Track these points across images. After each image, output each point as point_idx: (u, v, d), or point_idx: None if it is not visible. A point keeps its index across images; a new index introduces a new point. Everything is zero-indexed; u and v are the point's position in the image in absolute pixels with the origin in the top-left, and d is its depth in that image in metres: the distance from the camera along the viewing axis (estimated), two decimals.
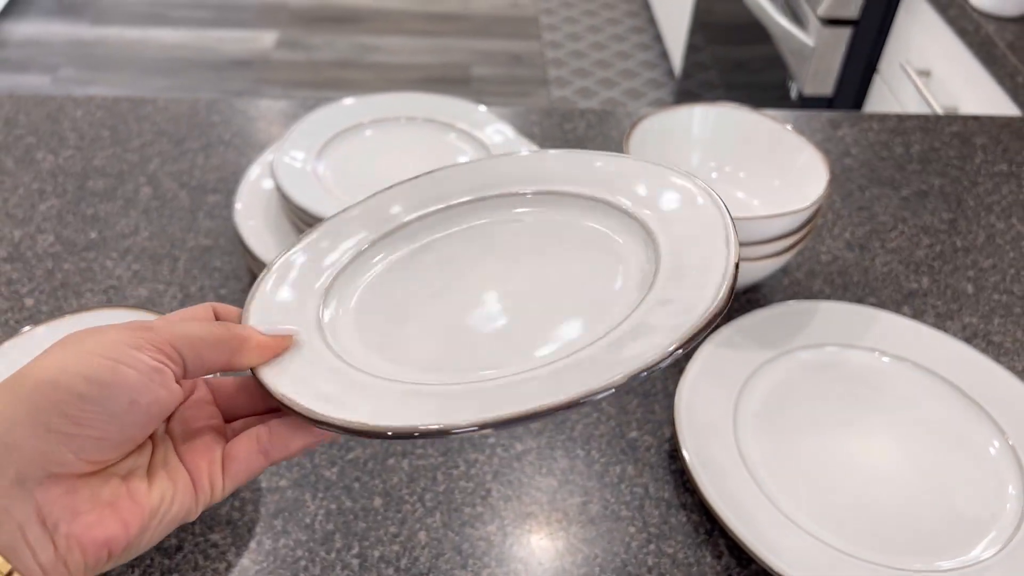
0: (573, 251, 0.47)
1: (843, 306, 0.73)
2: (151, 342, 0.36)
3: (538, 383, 0.38)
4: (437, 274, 0.48)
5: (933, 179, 0.94)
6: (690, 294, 0.40)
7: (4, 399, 0.33)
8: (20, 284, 0.75)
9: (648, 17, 3.16)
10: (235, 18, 3.04)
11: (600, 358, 0.38)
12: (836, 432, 0.65)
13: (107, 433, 0.34)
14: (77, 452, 0.34)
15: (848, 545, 0.57)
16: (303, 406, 0.38)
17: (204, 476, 0.39)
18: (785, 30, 1.67)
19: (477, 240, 0.49)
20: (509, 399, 0.37)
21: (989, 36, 1.21)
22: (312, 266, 0.47)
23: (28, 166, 0.88)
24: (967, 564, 0.57)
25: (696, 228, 0.43)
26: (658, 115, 0.78)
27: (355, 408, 0.38)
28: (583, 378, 0.37)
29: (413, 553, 0.58)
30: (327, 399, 0.38)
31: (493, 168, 0.51)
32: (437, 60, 2.91)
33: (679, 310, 0.39)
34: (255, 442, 0.39)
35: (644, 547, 0.59)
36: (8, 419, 0.33)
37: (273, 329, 0.41)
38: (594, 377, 0.36)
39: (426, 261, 0.48)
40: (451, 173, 0.51)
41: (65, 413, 0.33)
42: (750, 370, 0.68)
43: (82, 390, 0.34)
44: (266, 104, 0.99)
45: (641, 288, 0.42)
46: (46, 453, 0.33)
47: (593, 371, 0.37)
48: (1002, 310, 0.78)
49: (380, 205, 0.50)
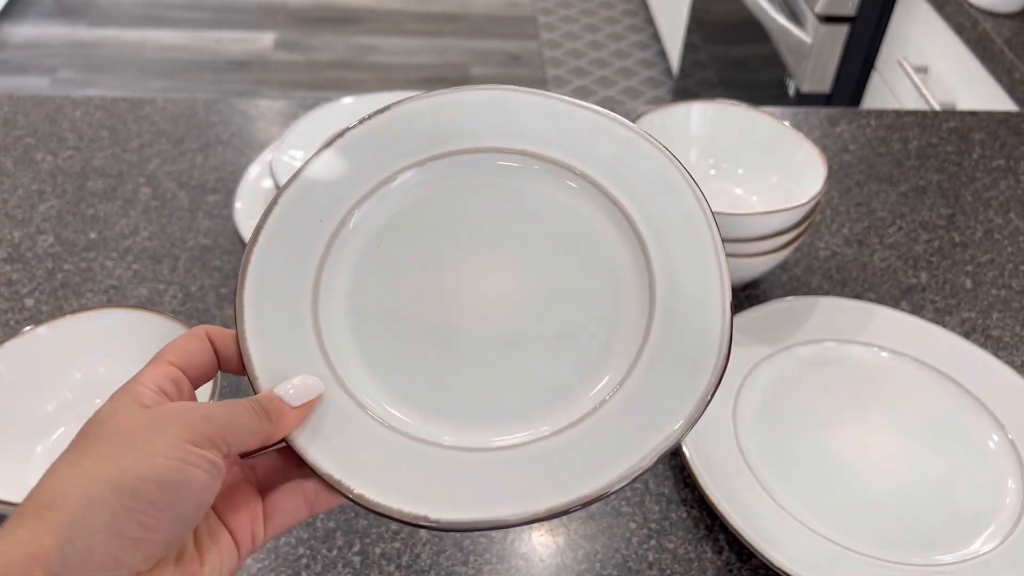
0: (566, 256, 0.45)
1: (842, 302, 0.73)
2: (208, 437, 0.36)
3: (576, 460, 0.40)
4: (422, 271, 0.44)
5: (931, 175, 0.94)
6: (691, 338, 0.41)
7: (82, 506, 0.33)
8: (20, 285, 0.75)
9: (646, 16, 3.16)
10: (233, 19, 3.04)
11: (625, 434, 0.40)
12: (835, 427, 0.65)
13: (175, 534, 0.35)
14: (146, 556, 0.34)
15: (848, 539, 0.57)
16: (356, 492, 0.39)
17: (246, 532, 0.39)
18: (783, 28, 1.67)
19: (455, 224, 0.45)
20: (550, 481, 0.39)
21: (986, 32, 1.21)
22: (285, 283, 0.43)
23: (27, 167, 0.88)
24: (966, 558, 0.57)
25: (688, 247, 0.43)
26: (657, 112, 0.78)
27: (403, 489, 0.39)
28: (616, 457, 0.39)
29: (414, 550, 0.58)
30: (372, 480, 0.39)
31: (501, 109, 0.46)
32: (435, 60, 2.91)
33: (684, 364, 0.41)
34: (301, 498, 0.40)
35: (645, 543, 0.59)
36: (87, 527, 0.32)
37: (303, 396, 0.40)
38: (625, 458, 0.39)
39: (409, 250, 0.45)
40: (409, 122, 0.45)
41: (140, 522, 0.33)
42: (749, 366, 0.68)
43: (155, 498, 0.33)
44: (265, 104, 0.99)
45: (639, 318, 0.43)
46: (119, 559, 0.33)
47: (623, 449, 0.39)
48: (1000, 305, 0.78)
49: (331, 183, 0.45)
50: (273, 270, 0.43)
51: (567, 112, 0.45)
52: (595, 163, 0.45)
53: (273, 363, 0.41)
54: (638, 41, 3.03)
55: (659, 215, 0.43)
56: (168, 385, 0.38)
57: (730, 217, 0.67)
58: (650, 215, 0.43)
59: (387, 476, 0.39)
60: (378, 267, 0.44)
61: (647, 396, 0.41)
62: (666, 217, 0.43)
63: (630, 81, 2.83)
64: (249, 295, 0.42)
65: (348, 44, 2.96)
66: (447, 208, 0.45)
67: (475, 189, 0.45)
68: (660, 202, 0.44)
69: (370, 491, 0.39)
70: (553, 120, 0.45)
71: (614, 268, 0.44)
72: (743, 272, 0.72)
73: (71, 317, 0.62)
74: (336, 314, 0.43)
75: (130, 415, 0.35)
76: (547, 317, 0.43)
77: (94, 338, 0.62)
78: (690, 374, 0.40)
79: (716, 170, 0.81)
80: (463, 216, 0.45)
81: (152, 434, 0.34)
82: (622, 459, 0.39)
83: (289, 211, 0.43)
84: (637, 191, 0.44)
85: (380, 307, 0.44)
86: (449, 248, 0.45)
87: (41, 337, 0.61)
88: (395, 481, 0.39)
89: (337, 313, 0.43)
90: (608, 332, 0.43)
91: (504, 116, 0.45)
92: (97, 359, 0.63)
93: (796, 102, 1.66)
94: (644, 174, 0.44)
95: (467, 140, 0.45)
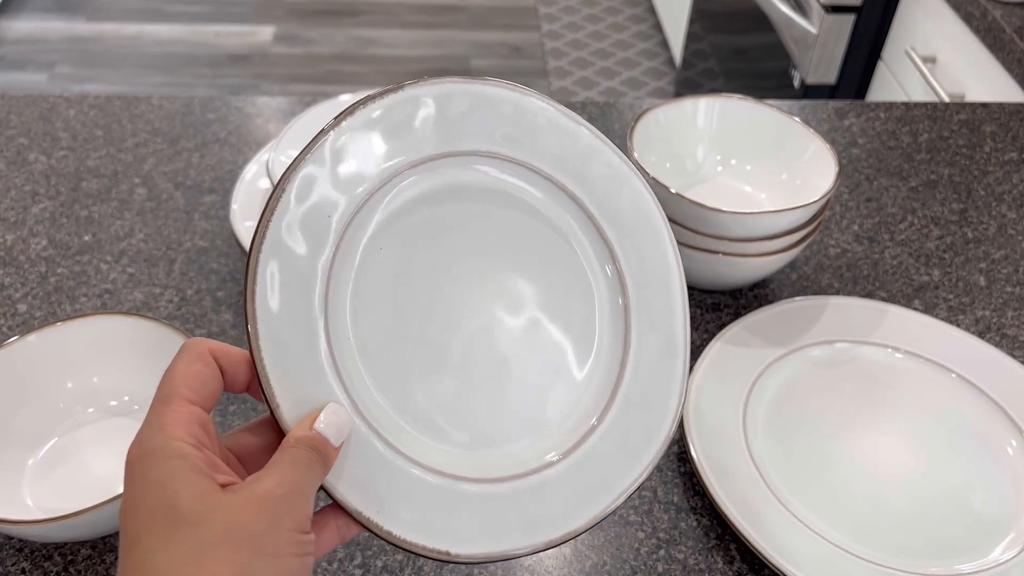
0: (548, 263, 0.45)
1: (853, 301, 0.71)
2: (310, 517, 0.36)
3: (571, 486, 0.42)
4: (420, 284, 0.44)
5: (942, 168, 0.92)
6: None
7: None
8: (13, 289, 0.74)
9: (647, 6, 3.13)
10: (232, 12, 3.02)
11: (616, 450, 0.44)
12: (849, 431, 0.63)
13: None
14: None
15: (863, 548, 0.56)
16: (385, 530, 0.39)
17: None
18: (787, 17, 1.65)
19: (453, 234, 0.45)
20: (554, 510, 0.42)
21: (996, 21, 1.19)
22: (295, 308, 0.41)
23: (20, 168, 0.87)
24: (986, 567, 0.55)
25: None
26: (662, 107, 0.76)
27: (424, 524, 0.40)
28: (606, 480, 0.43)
29: (417, 563, 0.56)
30: (397, 515, 0.40)
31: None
32: (436, 52, 2.89)
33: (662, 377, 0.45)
34: (335, 529, 0.40)
35: (654, 552, 0.57)
36: None
37: (342, 433, 0.39)
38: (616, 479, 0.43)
39: (408, 260, 0.44)
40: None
41: None
42: (759, 369, 0.66)
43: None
44: (262, 101, 0.98)
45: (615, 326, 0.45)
46: None
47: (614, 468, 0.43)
48: (1016, 302, 0.76)
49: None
50: (280, 285, 0.40)
51: (574, 132, 0.45)
52: (592, 194, 0.45)
53: (294, 392, 0.40)
54: (640, 31, 3.01)
55: (641, 262, 0.45)
56: (200, 433, 0.37)
57: (738, 216, 0.66)
58: (633, 259, 0.45)
59: (409, 510, 0.40)
60: (379, 274, 0.43)
61: (626, 436, 0.44)
62: (647, 265, 0.45)
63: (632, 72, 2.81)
64: (263, 328, 0.39)
65: (348, 37, 2.94)
66: (449, 210, 0.44)
67: (478, 193, 0.45)
68: (645, 246, 0.45)
69: (397, 528, 0.39)
70: (560, 137, 0.45)
71: (595, 304, 0.45)
72: (751, 272, 0.70)
73: (62, 325, 0.60)
74: (342, 326, 0.42)
75: (230, 499, 0.34)
76: (538, 340, 0.44)
77: (86, 346, 0.61)
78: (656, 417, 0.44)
79: (723, 167, 0.79)
80: (464, 222, 0.44)
81: (270, 529, 0.34)
82: (622, 475, 0.42)
83: (296, 205, 0.41)
84: (627, 232, 0.45)
85: (380, 320, 0.43)
86: (448, 257, 0.44)
87: (31, 345, 0.59)
88: (417, 516, 0.40)
89: (343, 325, 0.42)
90: (588, 367, 0.45)
91: (515, 123, 0.44)
92: (89, 368, 0.61)
93: (801, 93, 1.64)
94: (633, 214, 0.46)
95: (472, 143, 0.44)
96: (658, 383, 0.44)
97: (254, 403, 0.65)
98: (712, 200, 0.68)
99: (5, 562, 0.55)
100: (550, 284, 0.45)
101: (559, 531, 0.41)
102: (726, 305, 0.74)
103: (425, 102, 0.42)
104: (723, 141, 0.79)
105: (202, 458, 0.35)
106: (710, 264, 0.69)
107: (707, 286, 0.74)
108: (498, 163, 0.44)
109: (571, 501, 0.42)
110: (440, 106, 0.43)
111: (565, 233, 0.45)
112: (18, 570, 0.55)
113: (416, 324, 0.43)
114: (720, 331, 0.68)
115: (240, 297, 0.73)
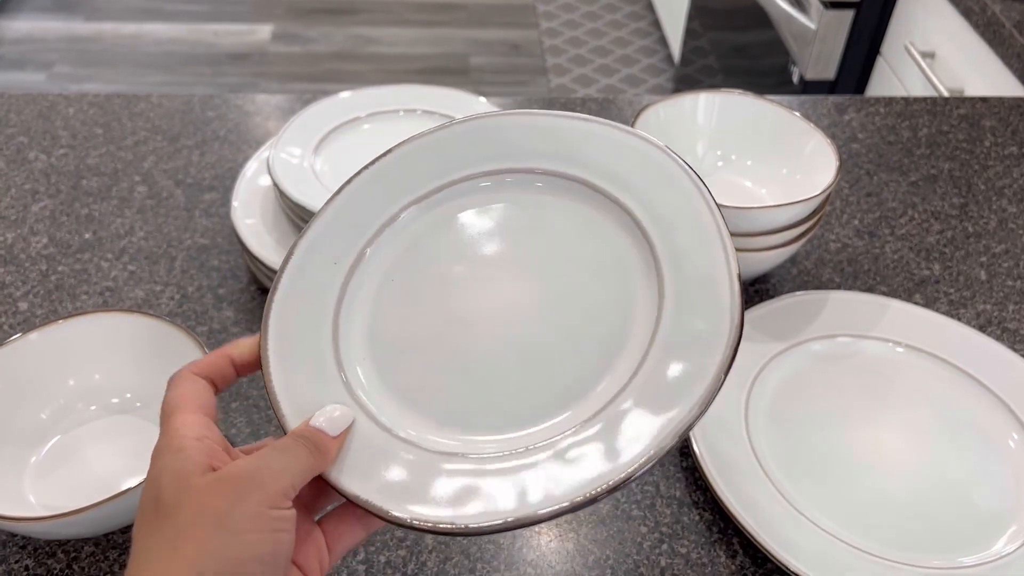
0: (578, 262, 0.46)
1: (854, 295, 0.71)
2: (282, 493, 0.36)
3: (599, 450, 0.39)
4: (436, 294, 0.46)
5: (942, 163, 0.92)
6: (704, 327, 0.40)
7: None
8: (14, 287, 0.74)
9: (646, 3, 3.13)
10: (231, 11, 3.02)
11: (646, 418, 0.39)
12: (850, 426, 0.63)
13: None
14: None
15: (865, 542, 0.56)
16: (393, 515, 0.38)
17: (314, 565, 0.39)
18: (786, 13, 1.65)
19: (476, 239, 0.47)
20: (574, 474, 0.38)
21: (995, 16, 1.19)
22: (306, 328, 0.44)
23: (20, 166, 0.87)
24: (988, 560, 0.55)
25: (694, 233, 0.43)
26: (662, 103, 0.76)
27: (434, 502, 0.39)
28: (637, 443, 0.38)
29: (420, 558, 0.56)
30: (403, 498, 0.39)
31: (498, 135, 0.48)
32: (435, 50, 2.89)
33: (699, 352, 0.40)
34: (356, 521, 0.41)
35: (656, 547, 0.57)
36: None
37: (339, 425, 0.41)
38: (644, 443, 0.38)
39: (425, 272, 0.47)
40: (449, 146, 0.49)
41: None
42: (760, 363, 0.66)
43: (256, 574, 0.34)
44: (262, 99, 0.97)
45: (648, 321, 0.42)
46: None
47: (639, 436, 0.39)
48: (1016, 296, 0.76)
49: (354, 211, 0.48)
50: (294, 319, 0.44)
51: (555, 124, 0.47)
52: (592, 168, 0.46)
53: (299, 400, 0.42)
54: (638, 28, 3.01)
55: (659, 205, 0.44)
56: (204, 428, 0.38)
57: (739, 211, 0.66)
58: (651, 207, 0.44)
59: (415, 492, 0.39)
60: (393, 297, 0.46)
61: (662, 381, 0.40)
62: (666, 206, 0.44)
63: (631, 69, 2.81)
64: (272, 344, 0.43)
65: (347, 35, 2.93)
66: (455, 231, 0.47)
67: (480, 209, 0.48)
68: (659, 193, 0.44)
69: (400, 510, 0.38)
70: (544, 135, 0.47)
71: (620, 264, 0.44)
72: (753, 267, 0.70)
73: (63, 322, 0.60)
74: (356, 348, 0.45)
75: (201, 482, 0.35)
76: (560, 321, 0.44)
77: (87, 343, 0.61)
78: (704, 352, 0.40)
79: (724, 162, 0.79)
80: (470, 236, 0.47)
81: (234, 506, 0.34)
82: (642, 442, 0.38)
83: (304, 259, 0.46)
84: (635, 187, 0.45)
85: (398, 334, 0.45)
86: (459, 268, 0.46)
87: (32, 343, 0.59)
88: (426, 496, 0.39)
89: (358, 347, 0.45)
90: (621, 326, 0.43)
91: (500, 141, 0.48)
92: (91, 365, 0.61)
93: (800, 89, 1.64)
94: (640, 170, 0.45)
95: (466, 168, 0.48)
96: (702, 320, 0.41)
97: (256, 400, 0.65)
98: None
99: (8, 559, 0.55)
100: (569, 270, 0.45)
101: (581, 493, 0.38)
102: None
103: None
104: (723, 137, 0.79)
105: (200, 448, 0.36)
106: None
107: None
108: (496, 176, 0.48)
109: (598, 460, 0.39)
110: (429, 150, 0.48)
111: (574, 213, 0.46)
112: (21, 567, 0.55)
113: (431, 325, 0.45)
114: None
115: (241, 294, 0.73)
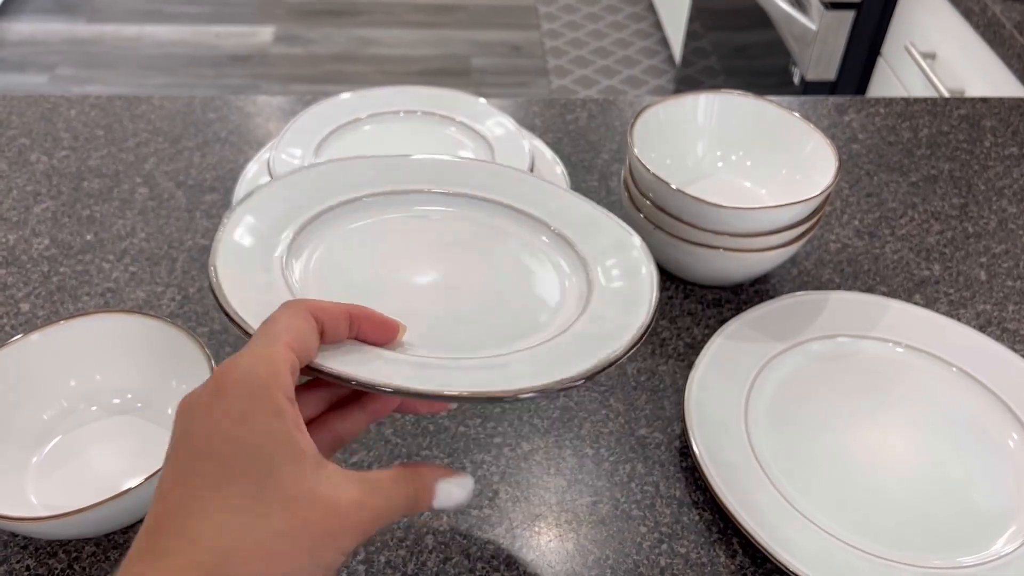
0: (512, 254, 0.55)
1: (854, 296, 0.72)
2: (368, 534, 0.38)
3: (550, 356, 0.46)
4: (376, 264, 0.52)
5: (942, 164, 0.92)
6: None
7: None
8: (15, 289, 0.74)
9: (647, 4, 3.13)
10: (232, 13, 3.02)
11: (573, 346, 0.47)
12: (850, 425, 0.63)
13: None
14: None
15: (864, 542, 0.56)
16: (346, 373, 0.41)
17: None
18: (787, 14, 1.65)
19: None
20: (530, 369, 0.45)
21: (996, 16, 1.19)
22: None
23: (22, 168, 0.87)
24: (987, 559, 0.55)
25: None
26: (662, 104, 0.76)
27: (377, 369, 0.42)
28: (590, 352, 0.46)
29: (420, 558, 0.56)
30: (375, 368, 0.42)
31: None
32: (436, 52, 2.89)
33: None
34: (362, 410, 0.45)
35: (656, 547, 0.58)
36: None
37: (445, 503, 0.43)
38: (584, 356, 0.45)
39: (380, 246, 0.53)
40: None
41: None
42: (760, 363, 0.66)
43: None
44: (263, 100, 0.98)
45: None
46: None
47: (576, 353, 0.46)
48: (1016, 296, 0.76)
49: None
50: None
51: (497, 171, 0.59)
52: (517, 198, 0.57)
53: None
54: (639, 30, 3.01)
55: (566, 215, 0.56)
56: (291, 385, 0.37)
57: (739, 211, 0.66)
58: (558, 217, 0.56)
59: (389, 368, 0.42)
60: (330, 262, 0.51)
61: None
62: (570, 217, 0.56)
63: (632, 70, 2.81)
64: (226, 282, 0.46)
65: (348, 36, 2.94)
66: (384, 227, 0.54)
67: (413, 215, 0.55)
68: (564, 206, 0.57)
69: (361, 372, 0.41)
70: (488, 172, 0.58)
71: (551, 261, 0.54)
72: (752, 267, 0.71)
73: (64, 323, 0.60)
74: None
75: (308, 475, 0.36)
76: (499, 294, 0.52)
77: (89, 344, 0.61)
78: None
79: (724, 163, 0.79)
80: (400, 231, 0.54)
81: (331, 540, 0.35)
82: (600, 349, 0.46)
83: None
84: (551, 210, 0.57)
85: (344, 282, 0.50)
86: (388, 250, 0.53)
87: (34, 344, 0.59)
88: (402, 371, 0.42)
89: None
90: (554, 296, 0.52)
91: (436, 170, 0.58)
92: (92, 366, 0.61)
93: (801, 90, 1.64)
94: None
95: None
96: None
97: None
98: (713, 196, 0.68)
99: (10, 559, 0.55)
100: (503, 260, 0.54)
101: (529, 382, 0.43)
102: (727, 300, 0.74)
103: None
104: (723, 137, 0.79)
105: (291, 417, 0.36)
106: (711, 259, 0.69)
107: (708, 282, 0.74)
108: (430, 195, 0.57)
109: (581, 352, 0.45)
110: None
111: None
112: (23, 567, 0.55)
113: (373, 289, 0.50)
114: (721, 326, 0.68)
115: None
